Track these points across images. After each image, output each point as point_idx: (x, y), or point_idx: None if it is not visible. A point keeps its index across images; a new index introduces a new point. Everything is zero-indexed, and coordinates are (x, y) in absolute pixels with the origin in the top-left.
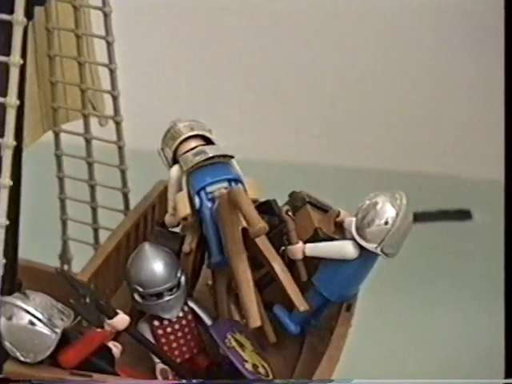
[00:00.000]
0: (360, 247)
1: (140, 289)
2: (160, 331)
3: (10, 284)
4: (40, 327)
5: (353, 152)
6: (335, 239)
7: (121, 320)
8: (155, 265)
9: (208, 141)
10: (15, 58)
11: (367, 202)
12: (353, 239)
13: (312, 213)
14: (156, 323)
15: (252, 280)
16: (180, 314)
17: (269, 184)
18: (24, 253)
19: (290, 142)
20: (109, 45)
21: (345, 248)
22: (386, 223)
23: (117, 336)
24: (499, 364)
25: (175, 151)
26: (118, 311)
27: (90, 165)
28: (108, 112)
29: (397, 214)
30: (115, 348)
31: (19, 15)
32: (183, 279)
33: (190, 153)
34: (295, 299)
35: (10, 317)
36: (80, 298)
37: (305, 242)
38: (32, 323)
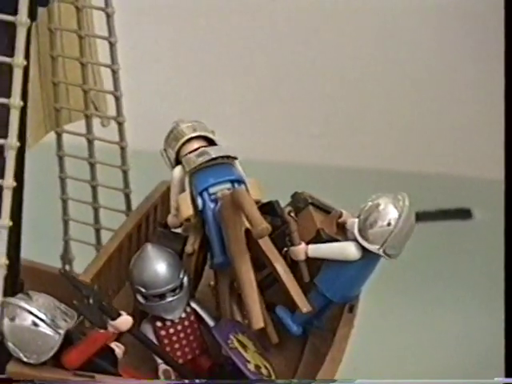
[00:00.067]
0: (362, 248)
1: (143, 290)
2: (162, 332)
3: (13, 284)
4: (43, 328)
5: (353, 152)
6: (337, 240)
7: (124, 321)
8: (158, 266)
9: (211, 142)
10: (19, 59)
11: (370, 204)
12: (355, 240)
13: (314, 214)
14: (159, 324)
15: (255, 281)
16: (182, 315)
17: (270, 184)
18: (25, 253)
19: (291, 143)
20: (111, 46)
21: (347, 249)
22: (389, 224)
23: (119, 337)
24: (499, 364)
25: (178, 152)
26: (121, 312)
27: (92, 165)
28: (110, 113)
29: (399, 216)
30: (118, 349)
31: (23, 16)
32: (186, 280)
33: (193, 154)
34: (298, 300)
35: (13, 318)
36: (83, 299)
37: (307, 243)
38: (35, 324)
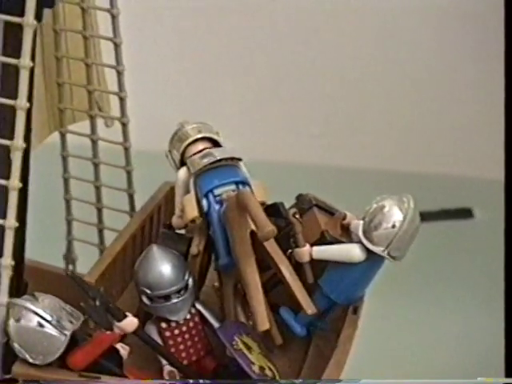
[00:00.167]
0: (367, 250)
1: (148, 291)
2: (167, 333)
3: (17, 285)
4: (49, 329)
5: (354, 152)
6: (342, 242)
7: (130, 322)
8: (163, 267)
9: (215, 143)
10: (25, 61)
11: (374, 206)
12: (360, 242)
13: (319, 215)
14: (163, 325)
15: (260, 283)
16: (187, 316)
17: (273, 186)
18: (28, 253)
19: (294, 144)
20: (116, 46)
21: (351, 251)
22: (394, 226)
23: (124, 338)
24: (499, 364)
25: (183, 153)
26: (127, 314)
27: (96, 166)
28: (114, 113)
29: (404, 218)
30: (123, 350)
31: (30, 18)
32: (191, 281)
33: (198, 155)
34: (303, 302)
35: (19, 319)
36: (89, 301)
37: (312, 245)
38: (41, 325)
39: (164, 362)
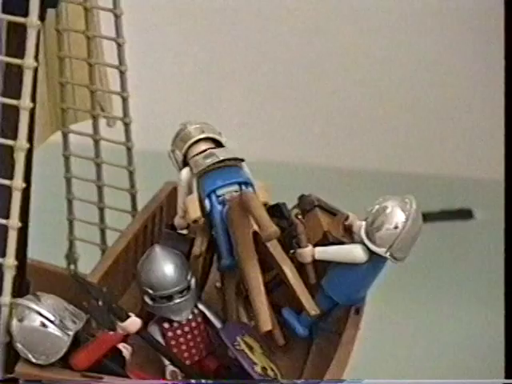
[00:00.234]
0: (369, 251)
1: (150, 291)
2: (170, 333)
3: (20, 285)
4: (52, 329)
5: (355, 154)
6: (344, 243)
7: (133, 323)
8: (166, 267)
9: (218, 144)
10: (29, 61)
11: (377, 206)
12: (362, 243)
13: (321, 216)
14: (166, 325)
15: (263, 283)
16: (190, 317)
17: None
18: (30, 252)
19: (295, 144)
20: (119, 47)
21: (354, 252)
22: (396, 227)
23: (127, 338)
24: (499, 364)
25: (185, 153)
26: (130, 314)
27: (98, 165)
28: (116, 113)
29: (406, 219)
30: (125, 350)
31: (33, 18)
32: (193, 282)
33: (201, 155)
34: (306, 303)
35: (22, 319)
36: (92, 301)
37: (314, 246)
38: (44, 325)
39: (166, 362)
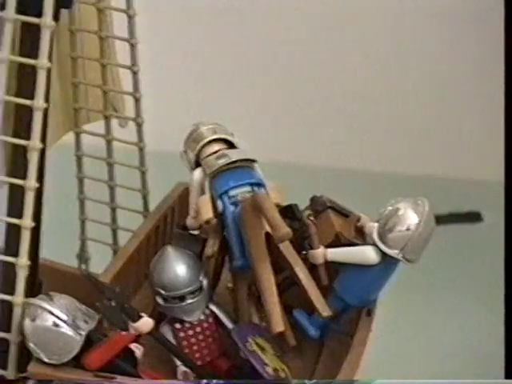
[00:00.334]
0: (381, 253)
1: (162, 291)
2: (181, 334)
3: (32, 285)
4: (65, 329)
5: (365, 155)
6: (356, 244)
7: (145, 323)
8: (178, 268)
9: (230, 144)
10: (43, 61)
11: (389, 208)
12: (374, 245)
13: (333, 217)
14: (178, 326)
15: (275, 285)
16: (201, 317)
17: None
18: (42, 252)
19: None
20: (132, 47)
21: (366, 253)
22: (408, 229)
23: (139, 338)
24: (499, 364)
25: (198, 154)
26: (142, 314)
27: (111, 166)
28: (129, 114)
29: (419, 221)
30: (137, 350)
31: (48, 18)
32: (205, 282)
33: (213, 156)
34: (318, 305)
35: (35, 318)
36: (104, 301)
37: (326, 247)
38: (56, 325)
39: (178, 363)
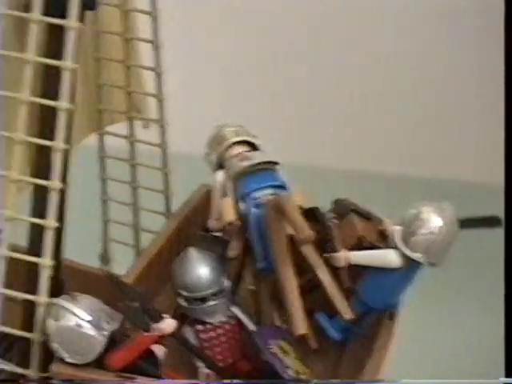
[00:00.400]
0: (404, 256)
1: (185, 293)
2: (203, 335)
3: (55, 285)
4: (88, 330)
5: (355, 155)
6: (379, 248)
7: (168, 324)
8: (200, 269)
9: (253, 147)
10: (68, 63)
11: (412, 212)
12: (397, 248)
13: (356, 221)
14: (199, 327)
15: (297, 287)
16: (223, 319)
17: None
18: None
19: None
20: (156, 49)
21: (389, 257)
22: (432, 233)
23: (161, 339)
24: (499, 364)
25: (221, 156)
26: (164, 315)
27: (133, 167)
28: (152, 115)
29: (442, 224)
30: (159, 351)
31: (73, 20)
32: (227, 284)
33: (236, 158)
34: (341, 307)
35: (58, 318)
36: (127, 302)
37: (348, 250)
38: (80, 325)
39: (200, 364)
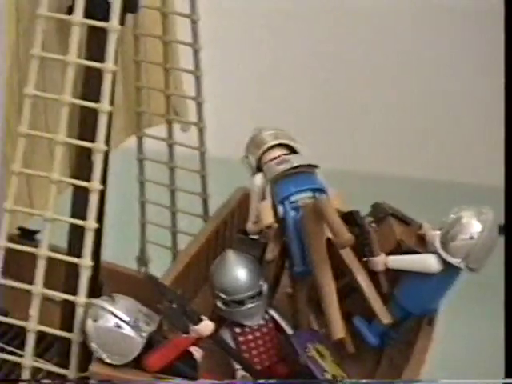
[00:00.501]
0: (443, 261)
1: (223, 295)
2: (241, 338)
3: (94, 286)
4: (127, 330)
5: (354, 156)
6: (417, 252)
7: (206, 326)
8: (239, 272)
9: (292, 150)
10: (109, 65)
11: (452, 217)
12: (436, 253)
13: (394, 225)
14: (237, 330)
15: (335, 291)
16: (261, 322)
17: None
18: (103, 253)
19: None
20: (196, 52)
21: (427, 261)
22: (471, 238)
23: (199, 341)
24: (499, 364)
25: (259, 159)
26: (202, 317)
27: (172, 170)
28: (191, 118)
29: (482, 229)
30: (197, 353)
31: (114, 23)
32: (265, 287)
33: (275, 161)
34: (379, 312)
35: (97, 319)
36: (166, 303)
37: (387, 254)
38: (119, 326)
39: (237, 367)
